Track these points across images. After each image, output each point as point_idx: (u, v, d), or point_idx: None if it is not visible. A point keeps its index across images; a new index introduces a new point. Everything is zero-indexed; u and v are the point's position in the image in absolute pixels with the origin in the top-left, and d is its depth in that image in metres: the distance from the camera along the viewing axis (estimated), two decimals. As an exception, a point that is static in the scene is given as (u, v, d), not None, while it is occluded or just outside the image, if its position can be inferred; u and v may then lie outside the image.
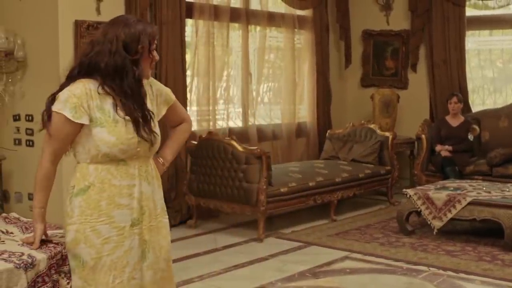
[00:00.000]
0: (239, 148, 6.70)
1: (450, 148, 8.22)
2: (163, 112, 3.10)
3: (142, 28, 2.90)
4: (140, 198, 2.91)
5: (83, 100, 2.84)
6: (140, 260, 2.91)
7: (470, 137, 8.35)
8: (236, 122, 8.32)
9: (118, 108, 2.87)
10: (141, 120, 2.89)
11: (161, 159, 3.17)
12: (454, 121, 8.41)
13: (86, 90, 2.85)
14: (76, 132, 2.87)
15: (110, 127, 2.84)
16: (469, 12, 9.01)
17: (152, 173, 2.99)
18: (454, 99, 8.39)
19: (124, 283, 2.86)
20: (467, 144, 8.31)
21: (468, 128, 8.37)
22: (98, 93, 2.85)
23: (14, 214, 3.62)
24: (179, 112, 3.24)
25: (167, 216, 3.09)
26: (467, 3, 8.92)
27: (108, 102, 2.87)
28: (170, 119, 3.22)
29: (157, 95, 3.07)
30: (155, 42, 2.96)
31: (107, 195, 2.85)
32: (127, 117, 2.87)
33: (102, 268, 2.85)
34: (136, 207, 2.90)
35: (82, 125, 2.85)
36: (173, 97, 3.16)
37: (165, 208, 3.09)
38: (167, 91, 3.15)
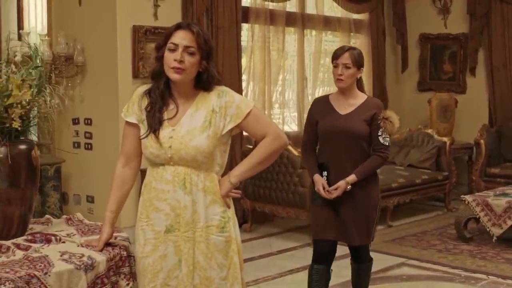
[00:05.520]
0: (295, 152, 6.68)
1: (338, 191, 4.00)
2: (229, 126, 2.84)
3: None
4: (174, 205, 2.82)
5: (135, 101, 2.93)
6: (177, 268, 2.84)
7: (383, 137, 4.07)
8: (291, 126, 8.32)
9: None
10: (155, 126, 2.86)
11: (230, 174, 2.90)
12: (344, 105, 4.10)
13: (139, 92, 2.94)
14: (131, 132, 2.94)
15: (145, 129, 2.88)
16: (530, 14, 8.82)
17: (198, 184, 2.82)
18: (345, 56, 4.00)
19: None
20: (378, 157, 4.06)
21: (372, 117, 4.05)
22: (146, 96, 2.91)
23: (79, 216, 3.66)
24: (257, 127, 2.88)
25: (221, 234, 2.84)
26: (528, 5, 8.74)
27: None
28: (249, 133, 2.95)
29: (225, 107, 2.84)
30: (173, 42, 2.79)
31: (149, 197, 2.88)
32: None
33: (142, 269, 2.89)
34: (170, 214, 2.83)
35: (137, 126, 2.90)
36: (245, 111, 2.84)
37: (223, 226, 2.85)
38: (241, 104, 2.86)
